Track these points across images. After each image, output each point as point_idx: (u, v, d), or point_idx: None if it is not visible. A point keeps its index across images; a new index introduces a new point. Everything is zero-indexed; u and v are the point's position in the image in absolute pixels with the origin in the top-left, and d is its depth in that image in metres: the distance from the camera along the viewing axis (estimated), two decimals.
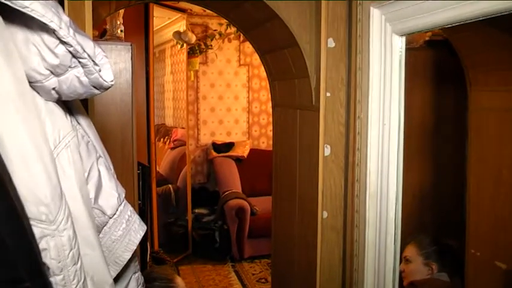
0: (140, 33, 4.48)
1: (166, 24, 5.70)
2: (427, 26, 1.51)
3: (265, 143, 6.43)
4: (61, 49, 0.77)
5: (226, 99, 6.27)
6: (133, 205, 2.32)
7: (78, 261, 0.81)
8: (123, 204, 1.03)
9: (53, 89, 0.83)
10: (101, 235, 0.99)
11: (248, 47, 5.99)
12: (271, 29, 2.17)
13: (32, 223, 0.71)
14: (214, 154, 5.97)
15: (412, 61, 1.73)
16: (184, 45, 5.40)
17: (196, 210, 5.60)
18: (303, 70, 2.08)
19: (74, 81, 0.83)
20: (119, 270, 1.03)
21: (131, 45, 2.32)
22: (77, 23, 1.46)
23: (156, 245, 4.69)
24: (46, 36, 0.76)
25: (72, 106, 0.97)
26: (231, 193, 5.36)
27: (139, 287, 1.16)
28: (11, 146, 0.69)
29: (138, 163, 2.50)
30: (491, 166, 2.43)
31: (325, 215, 1.99)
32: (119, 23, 2.95)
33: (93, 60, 0.81)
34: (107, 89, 0.87)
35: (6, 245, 0.62)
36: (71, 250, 0.78)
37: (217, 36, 5.99)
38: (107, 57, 0.84)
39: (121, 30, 2.97)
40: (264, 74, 2.83)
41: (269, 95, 2.71)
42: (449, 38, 2.52)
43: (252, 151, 6.12)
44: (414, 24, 1.55)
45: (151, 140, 4.52)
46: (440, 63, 3.07)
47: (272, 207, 2.73)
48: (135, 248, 1.04)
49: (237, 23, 2.56)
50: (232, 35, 6.08)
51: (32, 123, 0.74)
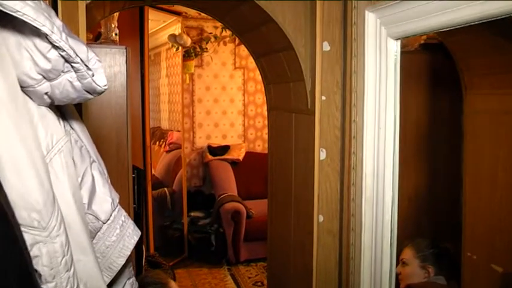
0: (135, 37, 4.47)
1: (161, 27, 5.69)
2: (422, 29, 1.51)
3: (261, 146, 6.42)
4: (53, 54, 0.76)
5: (222, 102, 6.27)
6: (128, 209, 2.32)
7: (71, 268, 0.80)
8: (117, 209, 1.02)
9: (46, 93, 0.82)
10: (94, 241, 0.99)
11: (243, 50, 5.98)
12: (267, 32, 2.16)
13: (23, 229, 0.71)
14: (210, 157, 5.96)
15: (407, 64, 1.73)
16: (180, 48, 5.40)
17: (192, 214, 5.58)
18: (298, 73, 2.08)
19: (66, 86, 0.82)
20: (112, 276, 1.02)
21: (126, 49, 2.31)
22: (71, 25, 1.46)
23: (152, 249, 4.67)
24: (38, 41, 0.75)
25: (65, 111, 0.96)
26: (227, 196, 5.36)
27: None
28: (1, 151, 0.68)
29: (133, 166, 2.50)
30: (487, 169, 2.44)
31: (321, 218, 1.99)
32: (113, 26, 2.95)
33: (86, 65, 0.80)
34: (100, 93, 0.87)
35: None
36: (64, 257, 0.78)
37: (213, 39, 6.00)
38: (100, 61, 0.84)
39: (116, 34, 2.97)
40: (259, 77, 2.82)
41: (265, 98, 2.71)
42: (444, 41, 2.52)
43: (248, 154, 6.12)
44: (409, 27, 1.55)
45: (146, 143, 4.50)
46: (436, 66, 3.07)
47: (268, 210, 2.73)
48: (129, 253, 1.03)
49: (232, 26, 2.56)
50: (228, 38, 6.09)
51: (23, 128, 0.74)
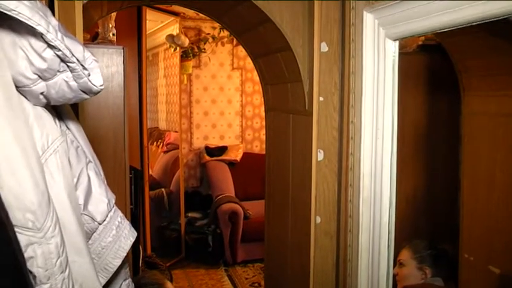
0: (133, 37, 4.47)
1: (159, 27, 5.69)
2: (420, 30, 1.51)
3: (259, 147, 6.41)
4: (49, 53, 0.76)
5: (220, 103, 6.26)
6: (125, 209, 2.32)
7: (66, 269, 0.79)
8: (113, 210, 1.02)
9: (41, 93, 0.81)
10: (90, 242, 0.98)
11: (241, 50, 5.98)
12: (264, 32, 2.16)
13: (17, 230, 0.70)
14: (208, 158, 5.95)
15: (405, 66, 1.73)
16: (178, 48, 5.39)
17: (189, 214, 5.57)
18: (296, 74, 2.07)
19: (62, 85, 0.82)
20: (108, 277, 1.02)
21: (123, 49, 2.31)
22: (67, 25, 1.45)
23: (149, 249, 4.67)
24: (34, 40, 0.75)
25: (61, 111, 0.96)
26: (224, 197, 5.35)
27: None
28: None
29: (130, 167, 2.49)
30: (485, 170, 2.43)
31: (319, 220, 1.98)
32: (111, 26, 2.94)
33: (82, 65, 0.79)
34: (96, 93, 0.86)
35: None
36: (59, 258, 0.77)
37: (211, 39, 5.99)
38: (96, 61, 0.83)
39: (113, 34, 2.96)
40: (257, 77, 2.82)
41: (262, 99, 2.71)
42: (442, 42, 2.52)
43: (245, 155, 6.12)
44: (407, 28, 1.54)
45: (144, 143, 4.50)
46: (434, 67, 3.07)
47: (265, 211, 2.72)
48: (125, 254, 1.03)
49: (230, 26, 2.55)
50: (226, 39, 6.08)
51: (18, 128, 0.73)
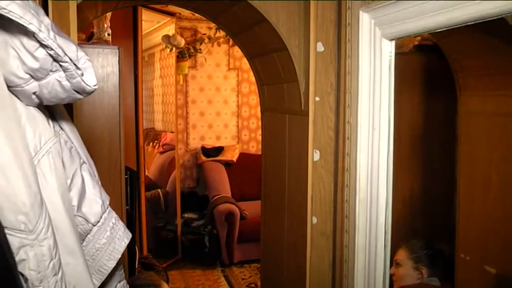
0: (129, 37, 4.46)
1: (155, 28, 5.68)
2: (416, 30, 1.50)
3: (255, 147, 6.41)
4: (41, 52, 0.75)
5: (216, 104, 6.25)
6: (120, 210, 2.31)
7: (59, 272, 0.78)
8: (107, 211, 1.01)
9: (34, 93, 0.80)
10: (84, 243, 0.97)
11: (237, 51, 5.97)
12: (260, 33, 2.15)
13: (9, 232, 0.69)
14: (204, 158, 5.94)
15: (401, 66, 1.72)
16: (174, 49, 5.38)
17: (185, 215, 5.56)
18: (292, 74, 2.07)
19: (55, 85, 0.81)
20: (103, 279, 1.01)
21: (118, 49, 2.30)
22: (61, 25, 1.44)
23: (145, 250, 4.65)
24: (25, 39, 0.74)
25: (54, 111, 0.95)
26: (221, 197, 5.34)
27: None
28: None
29: (126, 168, 2.48)
30: (481, 171, 2.43)
31: (315, 220, 1.98)
32: (106, 26, 2.93)
33: (75, 64, 0.79)
34: (90, 93, 0.85)
35: None
36: (52, 260, 0.76)
37: (207, 40, 5.98)
38: (90, 61, 0.82)
39: (108, 34, 2.95)
40: (253, 78, 2.82)
41: (258, 99, 2.70)
42: (439, 42, 2.52)
43: (242, 155, 6.11)
44: (403, 28, 1.54)
45: (140, 144, 4.49)
46: (430, 67, 3.07)
47: (261, 212, 2.72)
48: (119, 256, 1.02)
49: (226, 27, 2.55)
50: (222, 39, 6.07)
51: (10, 129, 0.72)
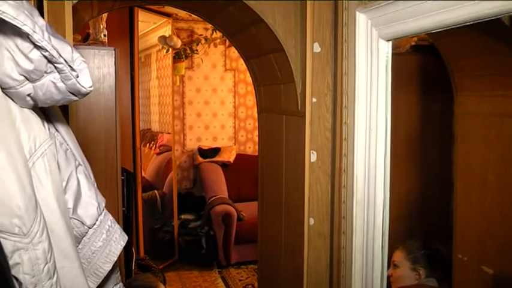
0: (125, 38, 4.45)
1: (151, 28, 5.67)
2: (413, 30, 1.50)
3: (252, 148, 6.41)
4: (35, 54, 0.74)
5: (212, 104, 6.25)
6: (117, 212, 2.30)
7: (54, 275, 0.77)
8: (103, 213, 1.00)
9: (28, 95, 0.80)
10: (80, 246, 0.96)
11: (234, 52, 5.97)
12: (256, 33, 2.15)
13: (3, 236, 0.68)
14: (201, 159, 5.94)
15: (398, 66, 1.72)
16: (170, 50, 5.37)
17: (182, 216, 5.55)
18: (289, 75, 2.06)
19: (50, 87, 0.80)
20: (98, 282, 1.00)
21: (115, 50, 2.29)
22: (57, 26, 1.43)
23: (142, 252, 4.64)
24: (20, 41, 0.73)
25: (49, 113, 0.94)
26: (218, 198, 5.33)
27: None
28: None
29: (122, 169, 2.47)
30: (478, 171, 2.43)
31: (312, 221, 1.97)
32: (102, 27, 2.92)
33: (70, 66, 0.78)
34: (85, 95, 0.85)
35: None
36: (46, 264, 0.75)
37: (203, 41, 5.97)
38: (85, 62, 0.81)
39: (104, 35, 2.94)
40: (250, 79, 2.81)
41: (255, 100, 2.69)
42: (435, 43, 2.52)
43: (239, 156, 6.10)
44: (400, 29, 1.54)
45: (136, 145, 4.48)
46: (427, 68, 3.07)
47: (258, 213, 2.71)
48: (115, 259, 1.01)
49: (222, 27, 2.54)
50: (218, 40, 6.06)
51: (5, 131, 0.72)
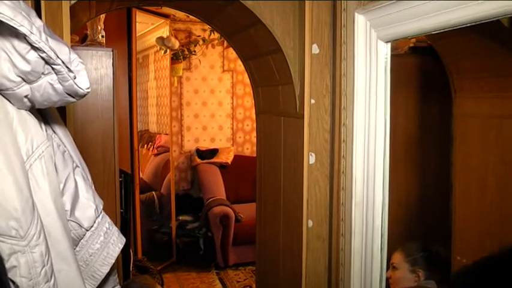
0: (123, 39, 4.44)
1: (149, 29, 5.66)
2: (412, 32, 1.50)
3: (250, 150, 6.40)
4: (33, 55, 0.73)
5: (210, 105, 6.24)
6: (115, 213, 2.29)
7: (51, 278, 0.77)
8: (100, 216, 0.99)
9: (26, 96, 0.79)
10: (77, 248, 0.96)
11: (232, 53, 5.96)
12: (255, 34, 2.14)
13: (0, 239, 0.68)
14: (198, 161, 5.93)
15: (396, 68, 1.71)
16: (168, 51, 5.37)
17: (180, 218, 5.54)
18: (287, 76, 2.06)
19: (47, 88, 0.79)
20: (96, 285, 0.99)
21: (112, 51, 2.29)
22: (54, 27, 1.42)
23: (140, 253, 4.64)
24: (17, 42, 0.72)
25: (47, 114, 0.93)
26: (215, 200, 5.33)
27: None
28: None
29: (120, 170, 2.46)
30: (477, 173, 2.43)
31: (310, 223, 1.97)
32: (99, 28, 2.91)
33: (68, 67, 0.77)
34: (82, 96, 0.84)
35: None
36: (44, 267, 0.75)
37: (201, 42, 5.97)
38: (83, 63, 0.81)
39: (102, 36, 2.93)
40: (248, 80, 2.81)
41: (253, 101, 2.69)
42: (434, 44, 2.52)
43: (236, 157, 6.09)
44: (399, 30, 1.53)
45: (134, 146, 4.47)
46: (425, 69, 3.07)
47: (256, 214, 2.71)
48: (113, 261, 1.01)
49: (220, 28, 2.53)
50: (216, 41, 6.06)
51: (2, 133, 0.71)
